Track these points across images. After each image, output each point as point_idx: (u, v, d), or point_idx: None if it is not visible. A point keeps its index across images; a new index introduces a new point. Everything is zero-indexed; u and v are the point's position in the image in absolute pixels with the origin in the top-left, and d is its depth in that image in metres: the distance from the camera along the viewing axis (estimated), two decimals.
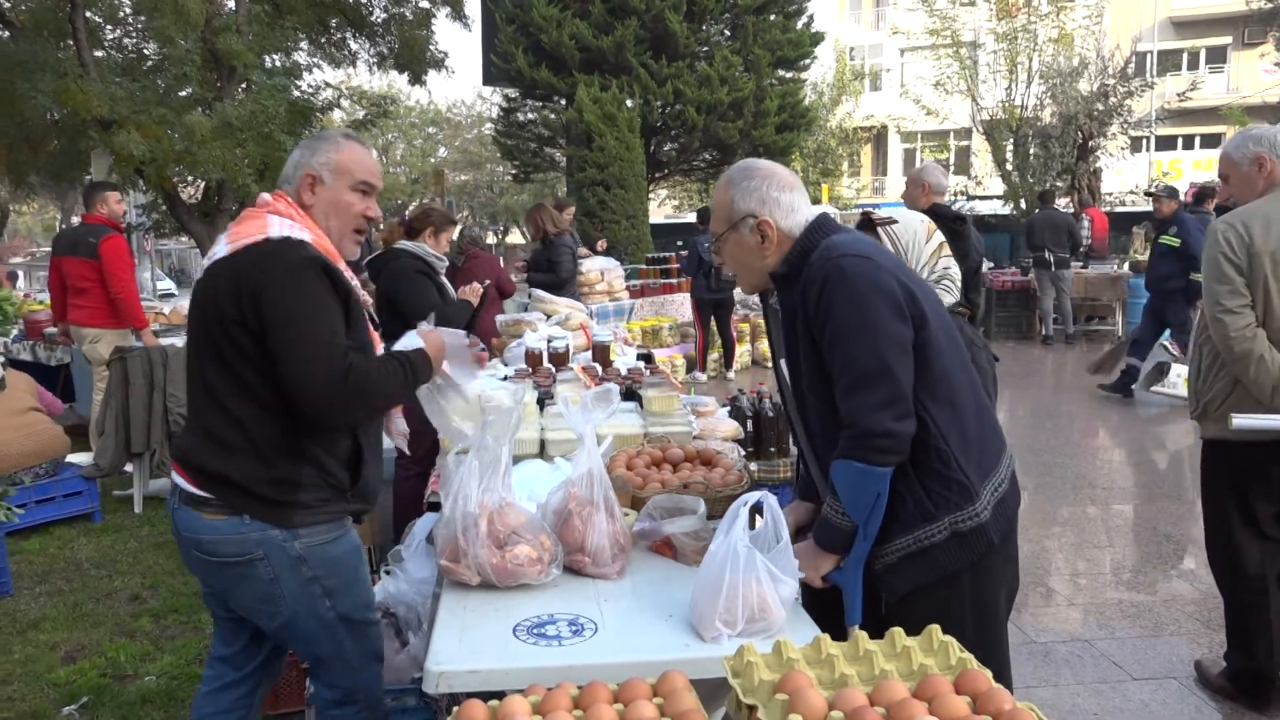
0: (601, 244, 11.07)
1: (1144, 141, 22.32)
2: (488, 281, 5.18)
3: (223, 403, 2.21)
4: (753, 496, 1.97)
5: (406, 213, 5.30)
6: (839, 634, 1.73)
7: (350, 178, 2.35)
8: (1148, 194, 9.98)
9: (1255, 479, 3.32)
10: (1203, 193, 10.13)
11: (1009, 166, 17.99)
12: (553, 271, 7.40)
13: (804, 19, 18.57)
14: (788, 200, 2.17)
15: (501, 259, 7.70)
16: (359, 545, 2.44)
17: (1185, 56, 29.18)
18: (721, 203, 2.22)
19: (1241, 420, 3.06)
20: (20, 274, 22.53)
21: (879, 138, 34.33)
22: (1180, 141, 30.61)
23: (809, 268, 2.09)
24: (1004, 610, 2.22)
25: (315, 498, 2.25)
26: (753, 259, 2.20)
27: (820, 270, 2.05)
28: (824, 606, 2.13)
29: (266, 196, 2.32)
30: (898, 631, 1.52)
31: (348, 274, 2.31)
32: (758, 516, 2.02)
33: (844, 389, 2.04)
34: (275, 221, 2.23)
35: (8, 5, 12.09)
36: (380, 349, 2.47)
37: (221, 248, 2.23)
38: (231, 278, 2.16)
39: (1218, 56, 31.68)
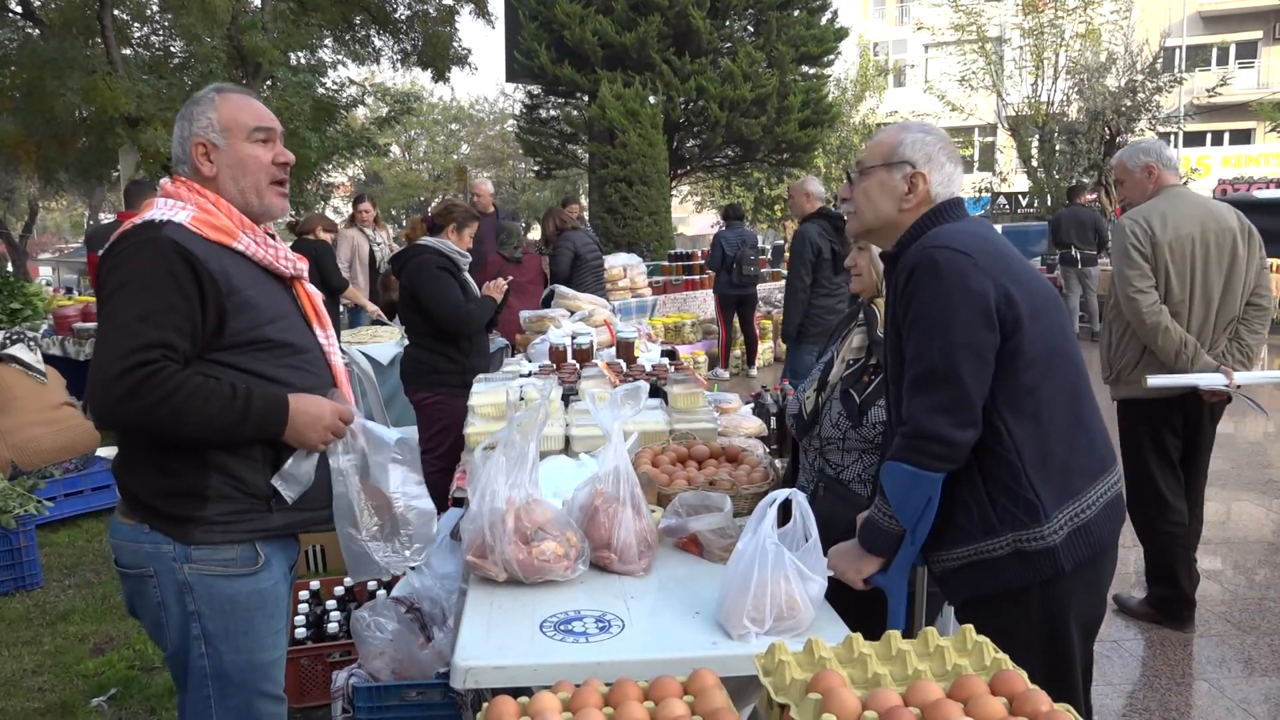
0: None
1: (1172, 137, 22.06)
2: (511, 278, 5.19)
3: None
4: (781, 494, 1.96)
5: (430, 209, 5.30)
6: (867, 638, 1.71)
7: (243, 130, 2.06)
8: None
9: (1164, 424, 3.98)
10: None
11: (1034, 163, 17.83)
12: (552, 269, 7.43)
13: (828, 14, 18.43)
14: (949, 170, 2.12)
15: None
16: (269, 590, 2.06)
17: (1215, 51, 28.78)
18: (887, 142, 2.15)
19: (1155, 380, 3.79)
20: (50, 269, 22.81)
21: None
22: (1209, 137, 30.25)
23: (908, 253, 2.03)
24: (1077, 641, 2.06)
25: (224, 512, 1.96)
26: (887, 204, 2.12)
27: (914, 257, 1.99)
28: (853, 605, 2.11)
29: (166, 181, 2.10)
30: (930, 631, 1.50)
31: (258, 250, 2.05)
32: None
33: (909, 384, 1.99)
34: (159, 206, 2.00)
35: (38, 4, 12.23)
36: (330, 345, 2.19)
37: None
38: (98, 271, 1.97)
39: (1248, 51, 31.26)
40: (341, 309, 7.98)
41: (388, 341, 6.73)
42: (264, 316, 2.00)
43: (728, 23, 17.70)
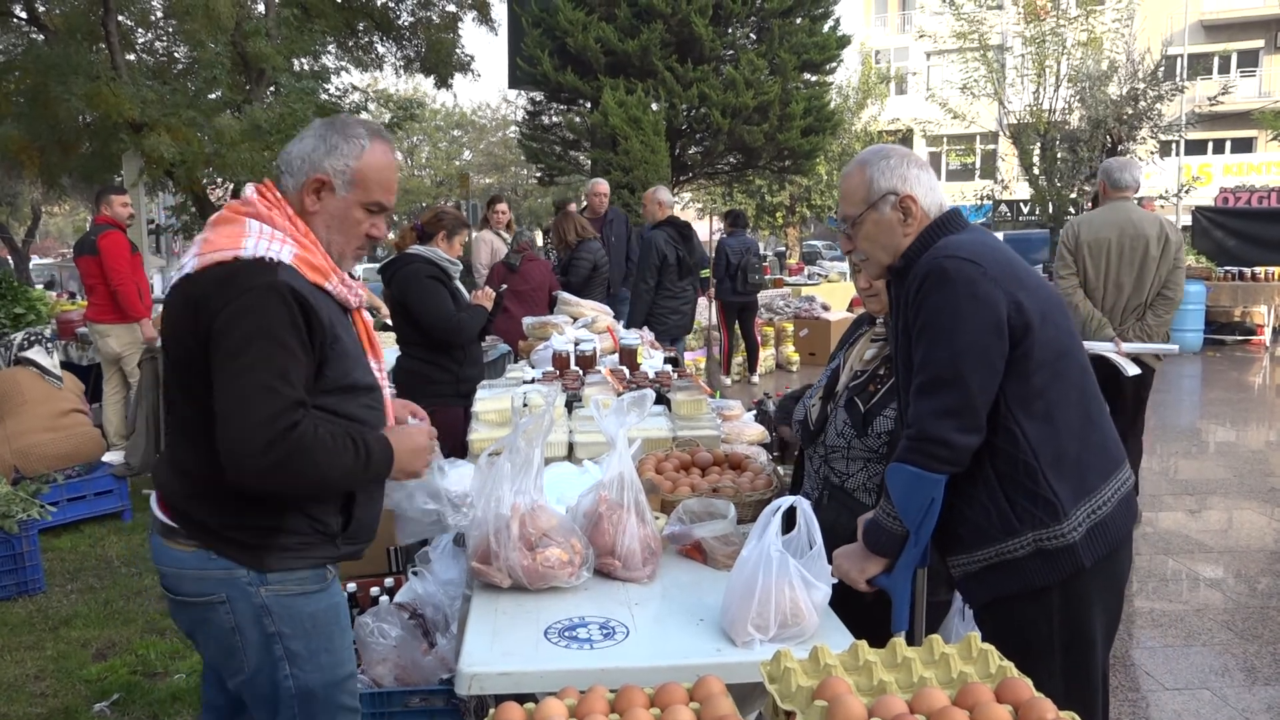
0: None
1: (1174, 145, 22.06)
2: (505, 286, 5.16)
3: (194, 435, 1.91)
4: (785, 501, 1.96)
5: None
6: (872, 645, 1.71)
7: (365, 194, 2.00)
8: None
9: None
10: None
11: (1036, 171, 17.83)
12: (567, 276, 7.35)
13: (830, 22, 18.44)
14: (926, 178, 2.15)
15: None
16: (341, 604, 2.08)
17: (1216, 60, 28.83)
18: (856, 185, 2.16)
19: None
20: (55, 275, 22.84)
21: (904, 141, 34.03)
22: (1210, 146, 30.25)
23: (918, 264, 2.06)
24: (1099, 642, 2.08)
25: (298, 542, 1.95)
26: (892, 238, 2.14)
27: (924, 267, 2.03)
28: (858, 613, 2.11)
29: (250, 192, 1.97)
30: (935, 638, 1.50)
31: (341, 289, 2.00)
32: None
33: (915, 389, 2.02)
34: (254, 230, 1.89)
35: (42, 9, 12.25)
36: (383, 378, 2.15)
37: (189, 260, 1.90)
38: (191, 299, 1.86)
39: (1249, 60, 31.29)
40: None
41: (388, 348, 6.72)
42: (352, 362, 1.99)
43: (730, 30, 17.72)
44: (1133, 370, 4.89)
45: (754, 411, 3.97)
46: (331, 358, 1.92)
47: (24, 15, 12.64)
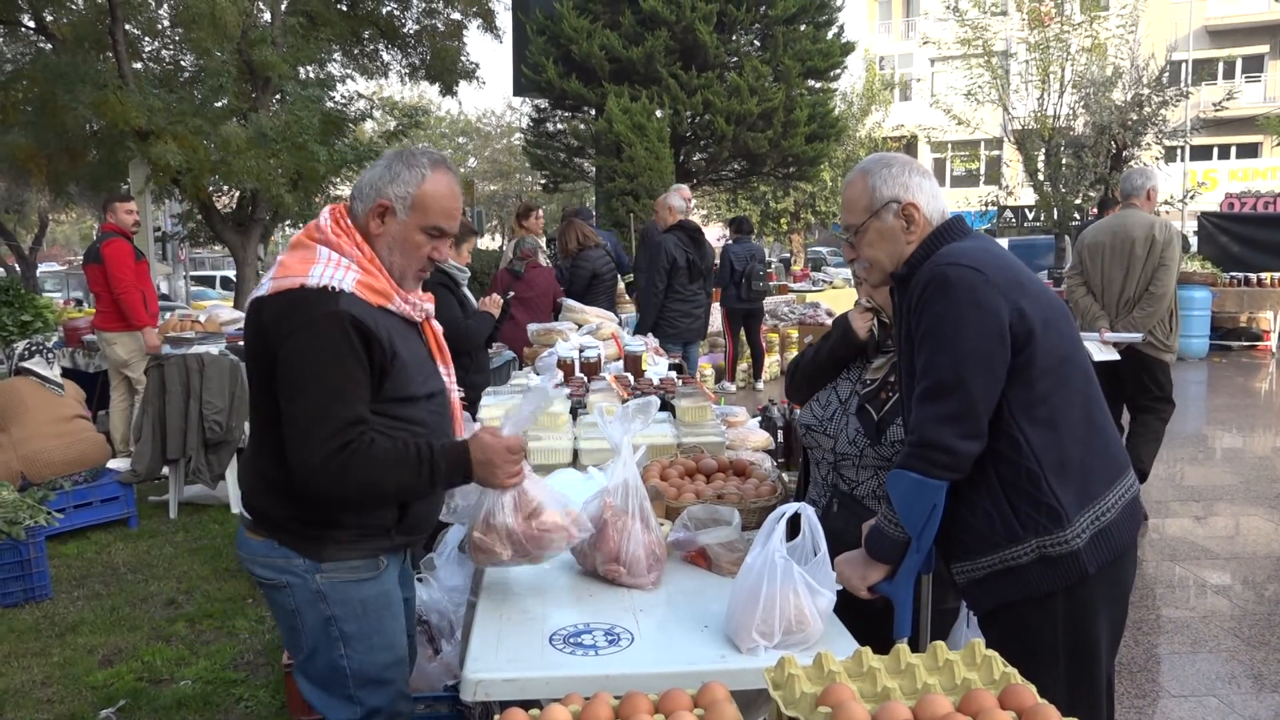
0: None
1: (1179, 151, 22.03)
2: (511, 294, 5.15)
3: (266, 441, 2.11)
4: (790, 508, 1.97)
5: None
6: (876, 652, 1.71)
7: (424, 218, 2.12)
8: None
9: None
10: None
11: (1041, 177, 17.83)
12: (569, 284, 7.36)
13: (834, 29, 18.48)
14: (929, 186, 2.15)
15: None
16: (392, 591, 2.20)
17: (1221, 65, 28.80)
18: (859, 193, 2.16)
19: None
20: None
21: (909, 148, 34.04)
22: (1216, 151, 30.23)
23: (921, 271, 2.06)
24: (1104, 648, 2.07)
25: (352, 534, 2.11)
26: (895, 246, 2.14)
27: (927, 274, 2.03)
28: (863, 619, 2.11)
29: (325, 219, 2.12)
30: (940, 645, 1.51)
31: (404, 306, 2.15)
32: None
33: (917, 396, 2.02)
34: (323, 258, 2.05)
35: (50, 18, 12.31)
36: (451, 382, 2.31)
37: (265, 282, 2.08)
38: (262, 324, 2.04)
39: (1254, 65, 31.27)
40: None
41: None
42: (412, 373, 2.13)
43: (734, 37, 17.76)
44: (1100, 356, 5.28)
45: (759, 418, 3.98)
46: (392, 372, 2.07)
47: (32, 24, 12.70)
